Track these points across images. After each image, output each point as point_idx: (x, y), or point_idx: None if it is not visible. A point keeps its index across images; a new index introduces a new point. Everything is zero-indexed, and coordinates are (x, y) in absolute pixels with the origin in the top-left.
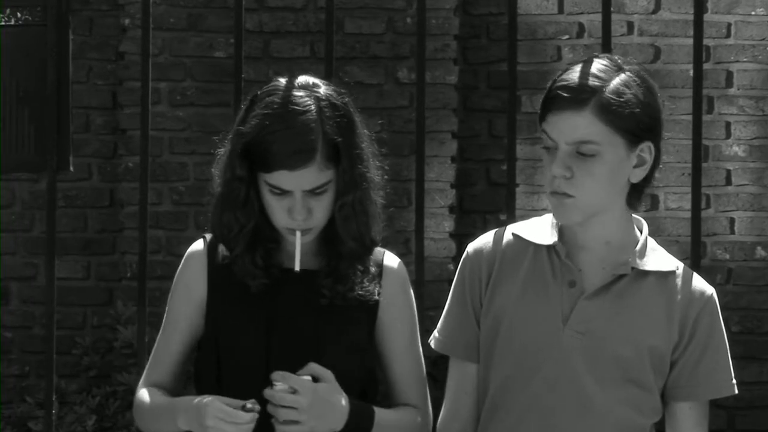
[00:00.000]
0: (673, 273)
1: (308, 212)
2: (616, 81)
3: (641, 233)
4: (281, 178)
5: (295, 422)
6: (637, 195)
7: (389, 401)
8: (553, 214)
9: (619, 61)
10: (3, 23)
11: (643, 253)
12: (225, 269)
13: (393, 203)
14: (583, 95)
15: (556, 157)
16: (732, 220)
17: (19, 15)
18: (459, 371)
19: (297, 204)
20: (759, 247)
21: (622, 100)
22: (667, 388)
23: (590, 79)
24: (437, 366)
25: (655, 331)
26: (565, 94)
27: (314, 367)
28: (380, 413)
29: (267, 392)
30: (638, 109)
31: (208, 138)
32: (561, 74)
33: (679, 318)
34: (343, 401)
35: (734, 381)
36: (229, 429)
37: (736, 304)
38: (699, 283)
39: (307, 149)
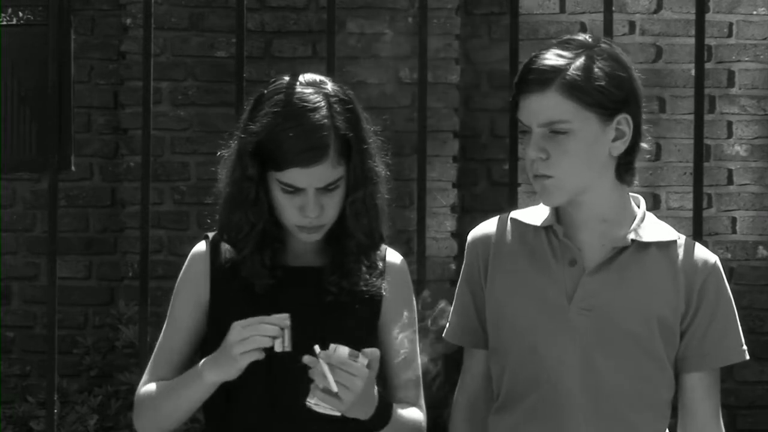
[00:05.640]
0: (674, 243)
1: (320, 209)
2: (581, 58)
3: (639, 209)
4: (294, 175)
5: (334, 396)
6: (626, 169)
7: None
8: (539, 198)
9: (585, 39)
10: (4, 23)
11: (642, 226)
12: (228, 270)
13: (395, 202)
14: (546, 75)
15: (530, 141)
16: (734, 220)
17: (20, 15)
18: (468, 356)
19: (310, 201)
20: (761, 247)
21: (586, 75)
22: (677, 359)
23: (555, 59)
24: (439, 365)
25: (661, 300)
26: (531, 77)
27: (376, 353)
28: (396, 409)
29: (322, 356)
30: (605, 83)
31: (210, 138)
32: (528, 59)
33: (684, 287)
34: (375, 392)
35: (744, 347)
36: (254, 331)
37: (738, 304)
38: (702, 251)
39: (321, 146)
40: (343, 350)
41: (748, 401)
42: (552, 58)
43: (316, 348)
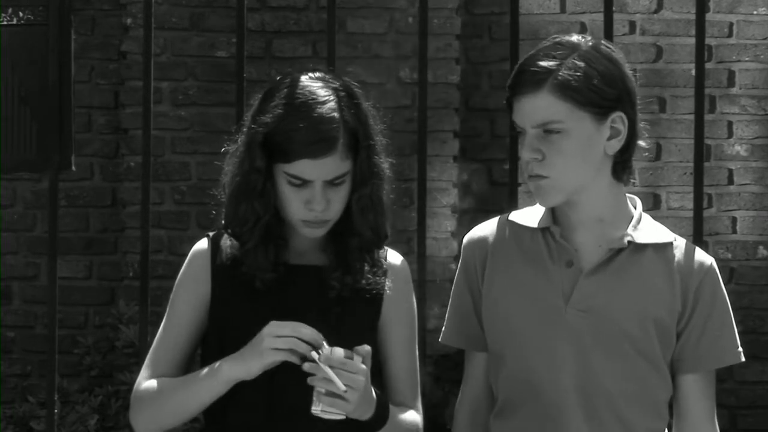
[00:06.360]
0: (670, 244)
1: (327, 203)
2: (572, 57)
3: (635, 210)
4: (303, 167)
5: (339, 397)
6: (622, 167)
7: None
8: (535, 199)
9: (576, 39)
10: (5, 23)
11: (638, 227)
12: (229, 267)
13: (395, 202)
14: (538, 76)
15: (525, 142)
16: (734, 220)
17: (21, 14)
18: (468, 359)
19: (317, 194)
20: (761, 247)
21: (578, 74)
22: (673, 360)
23: (546, 60)
24: (439, 365)
25: (658, 302)
26: (523, 79)
27: (367, 348)
28: (393, 410)
29: (323, 360)
30: (597, 81)
31: (210, 137)
32: (520, 61)
33: (680, 289)
34: (373, 391)
35: (740, 349)
36: (288, 330)
37: (739, 304)
38: (698, 253)
39: (330, 138)
40: (339, 351)
41: (748, 401)
42: (544, 59)
43: (314, 354)
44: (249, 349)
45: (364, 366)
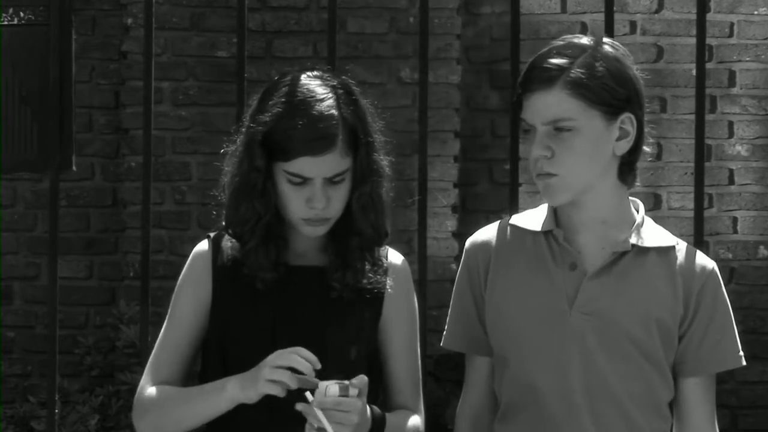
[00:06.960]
0: (673, 248)
1: (327, 201)
2: (585, 56)
3: (638, 213)
4: (303, 165)
5: None
6: (628, 169)
7: (384, 401)
8: (543, 197)
9: (588, 38)
10: (6, 23)
11: (641, 230)
12: (229, 268)
13: (396, 202)
14: (551, 73)
15: (535, 139)
16: (735, 220)
17: (21, 14)
18: (469, 364)
19: (317, 192)
20: (762, 247)
21: (590, 72)
22: (675, 363)
23: (558, 58)
24: (440, 365)
25: (660, 304)
26: (535, 76)
27: (364, 380)
28: (389, 418)
29: (317, 401)
30: (609, 81)
31: (211, 137)
32: (532, 59)
33: (682, 292)
34: (368, 411)
35: (741, 353)
36: (285, 362)
37: (739, 304)
38: (700, 257)
39: (329, 134)
40: (334, 389)
41: (749, 401)
42: (556, 56)
43: (308, 395)
44: (251, 375)
45: (359, 401)
